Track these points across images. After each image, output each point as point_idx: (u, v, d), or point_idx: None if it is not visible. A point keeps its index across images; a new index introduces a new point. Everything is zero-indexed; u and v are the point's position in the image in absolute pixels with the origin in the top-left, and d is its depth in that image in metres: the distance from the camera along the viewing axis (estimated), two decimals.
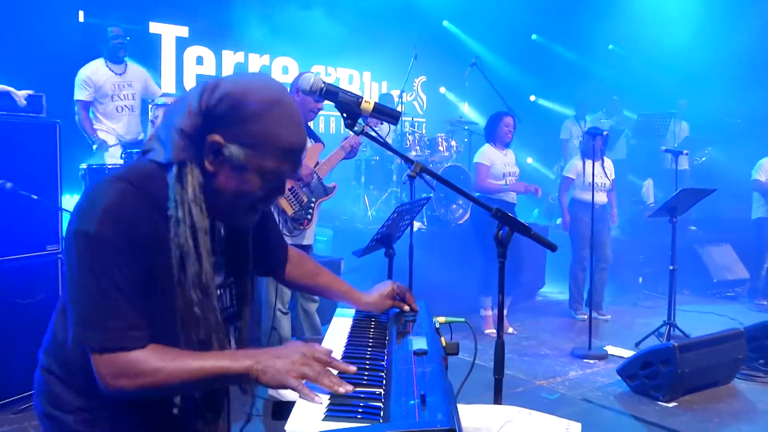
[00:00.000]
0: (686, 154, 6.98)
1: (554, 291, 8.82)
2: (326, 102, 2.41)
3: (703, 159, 7.03)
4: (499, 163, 6.75)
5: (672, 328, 6.45)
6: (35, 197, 4.47)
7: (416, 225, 7.43)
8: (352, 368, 1.63)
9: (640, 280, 9.10)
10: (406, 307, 2.21)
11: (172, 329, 1.61)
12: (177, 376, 1.54)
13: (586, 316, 6.65)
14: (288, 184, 4.51)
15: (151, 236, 1.55)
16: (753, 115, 11.37)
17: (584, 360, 6.11)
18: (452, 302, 6.68)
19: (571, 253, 7.60)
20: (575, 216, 7.44)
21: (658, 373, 5.16)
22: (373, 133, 2.22)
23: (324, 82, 2.02)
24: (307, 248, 4.82)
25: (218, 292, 1.76)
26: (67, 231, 1.55)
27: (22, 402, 4.46)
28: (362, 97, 2.02)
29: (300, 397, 1.50)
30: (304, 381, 1.52)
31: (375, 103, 2.03)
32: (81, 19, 8.32)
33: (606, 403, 5.12)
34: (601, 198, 7.35)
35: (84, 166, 5.73)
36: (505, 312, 6.92)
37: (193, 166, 1.59)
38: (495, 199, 6.64)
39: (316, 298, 4.95)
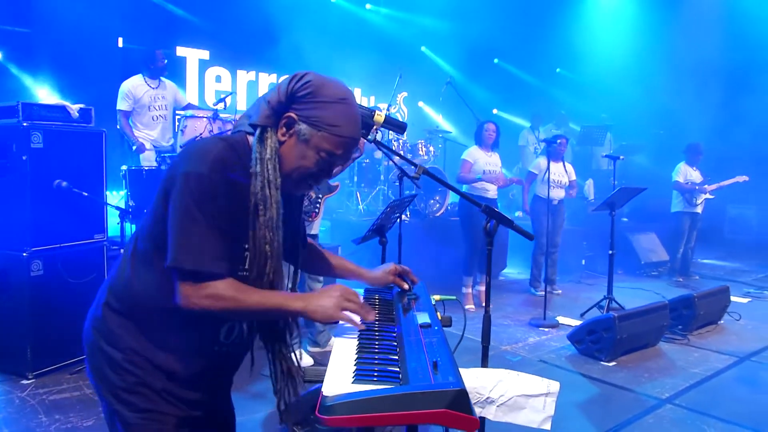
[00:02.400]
0: (622, 159, 7.00)
1: (514, 272, 8.85)
2: None
3: (623, 158, 7.14)
4: (481, 161, 6.70)
5: (610, 302, 6.50)
6: (85, 194, 4.44)
7: (402, 217, 7.43)
8: (372, 315, 1.74)
9: (583, 262, 9.18)
10: (405, 285, 2.18)
11: (232, 269, 1.65)
12: (249, 306, 1.60)
13: (543, 292, 6.66)
14: None
15: (238, 186, 1.61)
16: (673, 128, 11.50)
17: (540, 328, 6.14)
18: (432, 282, 6.68)
19: (534, 240, 7.60)
20: (536, 209, 7.40)
21: (601, 339, 5.21)
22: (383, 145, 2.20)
23: None
24: (314, 237, 4.80)
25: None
26: (174, 172, 1.59)
27: (77, 365, 4.43)
28: (375, 111, 2.01)
29: (346, 324, 1.69)
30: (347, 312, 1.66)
31: (386, 115, 2.01)
32: (120, 44, 8.24)
33: (559, 364, 5.15)
34: (558, 194, 7.38)
35: (124, 167, 5.68)
36: (483, 288, 6.96)
37: (272, 132, 1.66)
38: (475, 195, 6.62)
39: (321, 278, 4.92)
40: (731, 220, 12.23)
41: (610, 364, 5.13)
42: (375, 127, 1.98)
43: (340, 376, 1.46)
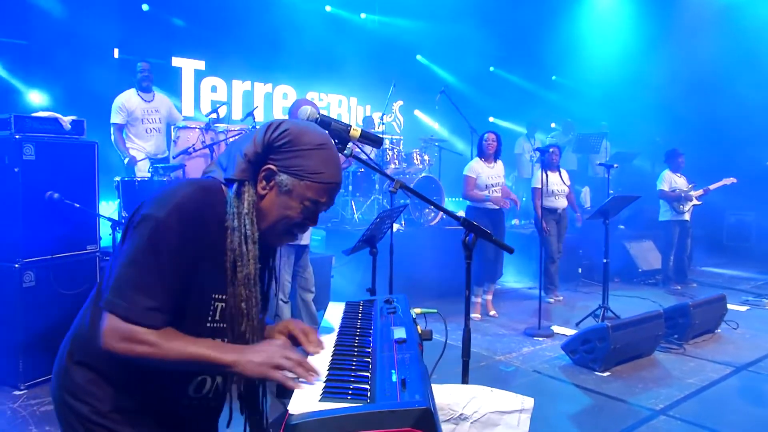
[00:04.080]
0: (616, 167, 7.00)
1: (510, 280, 8.82)
2: None
3: (616, 166, 7.14)
4: (484, 175, 6.63)
5: (605, 311, 6.48)
6: (77, 205, 4.46)
7: (395, 226, 7.42)
8: (312, 376, 1.52)
9: (580, 270, 9.13)
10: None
11: (196, 321, 1.60)
12: (172, 355, 1.50)
13: (553, 299, 6.59)
14: None
15: (205, 237, 1.56)
16: (670, 134, 11.50)
17: (534, 338, 6.12)
18: (427, 290, 6.69)
19: (544, 250, 7.53)
20: (544, 219, 7.36)
21: (595, 348, 5.19)
22: (363, 156, 2.20)
23: (319, 113, 1.99)
24: (304, 248, 4.79)
25: None
26: (138, 214, 1.54)
27: None
28: (351, 126, 2.01)
29: (279, 383, 1.49)
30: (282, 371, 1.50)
31: (362, 130, 2.01)
32: (116, 55, 8.28)
33: (552, 374, 5.13)
34: (562, 203, 7.38)
35: (117, 179, 5.69)
36: (490, 297, 6.96)
37: (249, 186, 1.61)
38: (481, 208, 6.63)
39: (313, 289, 4.92)
40: (730, 227, 12.19)
41: (605, 374, 5.11)
42: (350, 142, 1.98)
43: (308, 393, 1.45)
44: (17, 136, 4.22)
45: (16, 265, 4.24)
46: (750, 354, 5.77)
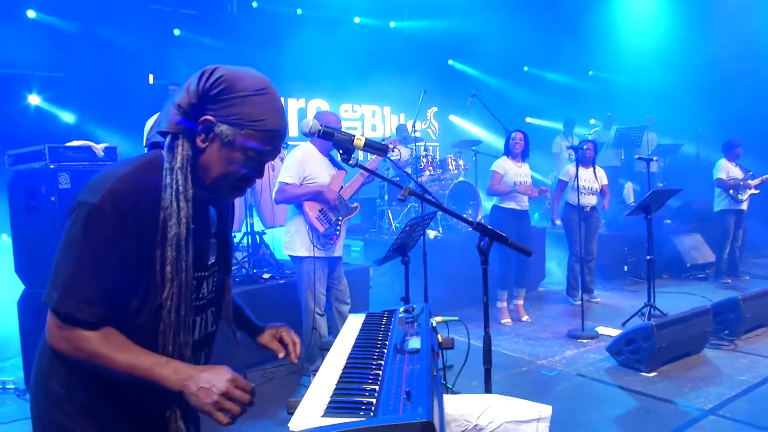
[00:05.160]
0: (656, 160, 6.81)
1: (553, 282, 8.66)
2: None
3: (662, 164, 6.88)
4: (512, 172, 6.54)
5: (652, 309, 6.30)
6: None
7: (433, 233, 7.37)
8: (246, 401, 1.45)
9: (626, 268, 8.91)
10: (281, 354, 1.90)
11: (148, 310, 1.49)
12: (113, 366, 1.42)
13: (581, 301, 6.47)
14: (317, 207, 4.52)
15: (149, 219, 1.45)
16: (713, 123, 11.18)
17: (578, 340, 5.97)
18: (464, 297, 6.61)
19: (568, 249, 7.46)
20: (568, 217, 7.24)
21: (640, 349, 5.04)
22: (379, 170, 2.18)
23: (321, 125, 1.98)
24: (337, 260, 4.80)
25: (206, 273, 1.65)
26: (73, 200, 1.46)
27: None
28: (354, 136, 1.99)
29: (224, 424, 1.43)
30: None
31: (366, 139, 1.99)
32: (151, 81, 8.48)
33: (597, 377, 5.00)
34: (589, 200, 7.21)
35: None
36: (521, 302, 6.86)
37: (184, 140, 1.50)
38: (508, 208, 6.55)
39: (348, 300, 4.91)
40: None
41: (651, 374, 4.95)
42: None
43: (312, 407, 1.45)
44: (52, 166, 4.35)
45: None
46: None
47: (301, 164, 4.49)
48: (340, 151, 1.98)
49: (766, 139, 10.68)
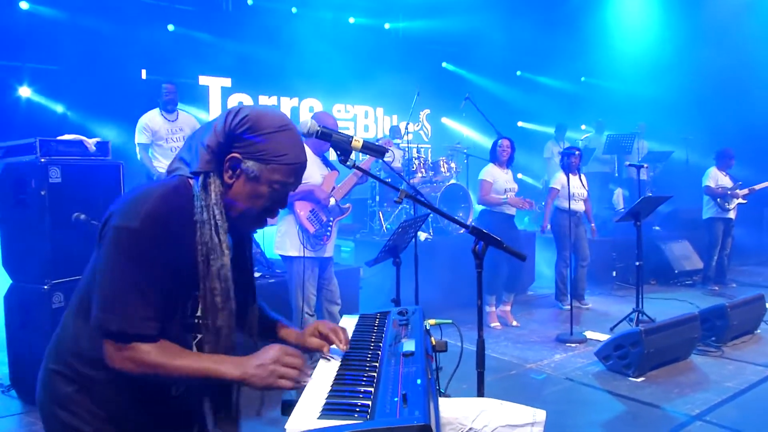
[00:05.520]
0: (646, 167, 6.85)
1: (542, 286, 8.68)
2: None
3: (652, 173, 6.96)
4: (501, 180, 6.57)
5: (640, 314, 6.33)
6: None
7: (423, 235, 7.37)
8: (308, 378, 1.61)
9: (614, 273, 8.96)
10: (325, 348, 1.84)
11: (176, 318, 1.61)
12: (176, 372, 1.53)
13: (569, 306, 6.51)
14: (308, 207, 4.50)
15: (181, 238, 1.55)
16: (704, 131, 11.26)
17: (567, 344, 5.99)
18: (456, 299, 6.60)
19: (557, 254, 7.49)
20: (558, 222, 7.26)
21: (628, 354, 5.07)
22: (379, 169, 2.17)
23: (319, 126, 1.97)
24: (328, 260, 4.79)
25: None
26: (108, 226, 1.54)
27: None
28: (352, 137, 1.98)
29: (289, 388, 1.56)
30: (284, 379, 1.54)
31: (363, 140, 1.98)
32: (144, 76, 8.42)
33: (585, 381, 5.02)
34: (579, 206, 7.24)
35: None
36: (508, 308, 6.85)
37: (215, 177, 1.60)
38: (497, 212, 6.55)
39: (338, 301, 4.90)
40: None
41: (639, 379, 4.98)
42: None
43: (308, 409, 1.43)
44: (43, 160, 4.30)
45: (45, 287, 4.29)
46: None
47: None
48: (338, 152, 1.97)
49: (756, 147, 10.78)
